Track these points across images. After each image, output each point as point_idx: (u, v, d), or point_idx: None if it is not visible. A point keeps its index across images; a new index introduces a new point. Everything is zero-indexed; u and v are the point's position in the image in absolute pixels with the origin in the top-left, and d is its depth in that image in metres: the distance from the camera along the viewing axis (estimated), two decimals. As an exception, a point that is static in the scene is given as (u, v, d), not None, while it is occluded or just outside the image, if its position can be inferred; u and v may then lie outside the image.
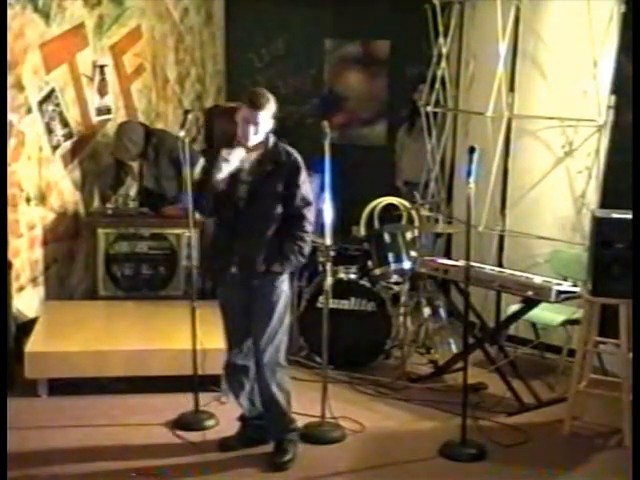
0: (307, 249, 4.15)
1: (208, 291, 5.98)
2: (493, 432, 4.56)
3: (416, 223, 5.98)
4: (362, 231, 6.09)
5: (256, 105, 4.00)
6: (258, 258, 4.06)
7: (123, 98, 6.59)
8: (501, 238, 5.93)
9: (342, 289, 5.41)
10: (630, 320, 4.36)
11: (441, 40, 6.37)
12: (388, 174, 7.39)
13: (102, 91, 6.32)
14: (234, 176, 4.07)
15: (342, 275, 5.57)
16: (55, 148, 5.91)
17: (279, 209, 4.08)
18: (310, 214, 4.14)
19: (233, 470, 4.15)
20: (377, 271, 5.54)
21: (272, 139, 4.14)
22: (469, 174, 4.25)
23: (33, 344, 4.99)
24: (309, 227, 4.14)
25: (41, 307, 5.73)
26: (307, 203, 4.12)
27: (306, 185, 4.14)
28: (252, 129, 4.02)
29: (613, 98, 5.62)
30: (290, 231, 4.10)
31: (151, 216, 6.11)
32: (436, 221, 6.17)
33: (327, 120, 4.41)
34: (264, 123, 4.03)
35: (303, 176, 4.12)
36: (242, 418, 4.39)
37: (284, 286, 4.16)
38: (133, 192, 6.31)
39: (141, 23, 6.69)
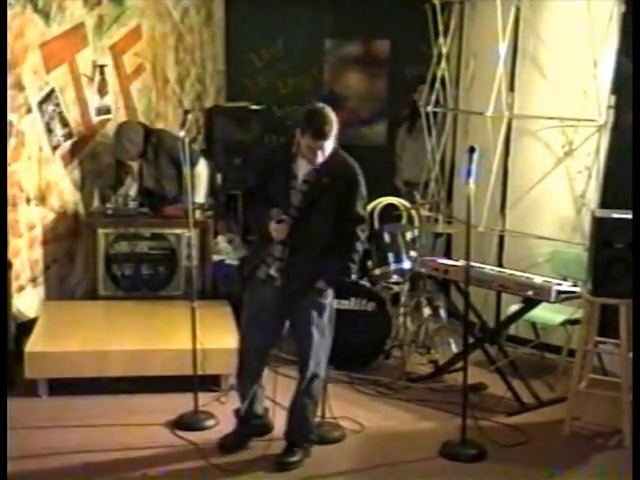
0: (354, 269, 4.04)
1: (208, 291, 6.00)
2: (493, 432, 4.56)
3: (416, 223, 5.98)
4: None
5: (321, 136, 3.82)
6: (304, 272, 3.96)
7: (123, 98, 6.60)
8: (501, 238, 5.93)
9: (342, 289, 5.40)
10: (630, 320, 4.36)
11: (441, 40, 6.37)
12: (388, 174, 7.39)
13: (102, 91, 6.32)
14: (288, 182, 3.98)
15: (342, 275, 5.57)
16: (55, 148, 5.91)
17: (332, 224, 3.95)
18: (363, 233, 4.01)
19: (233, 470, 4.13)
20: (377, 271, 5.54)
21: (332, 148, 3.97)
22: (469, 174, 4.25)
23: (33, 344, 4.99)
24: (359, 246, 4.00)
25: (41, 307, 5.73)
26: (361, 221, 4.00)
27: (363, 202, 4.01)
28: (318, 154, 3.87)
29: (613, 98, 5.62)
30: (339, 249, 3.98)
31: (151, 216, 6.10)
32: (436, 221, 6.17)
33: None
34: (330, 145, 3.87)
35: (360, 192, 3.98)
36: (238, 415, 4.38)
37: (328, 300, 4.08)
38: (133, 192, 6.30)
39: (141, 23, 6.69)
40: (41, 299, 5.82)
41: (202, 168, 6.19)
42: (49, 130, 5.82)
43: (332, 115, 3.85)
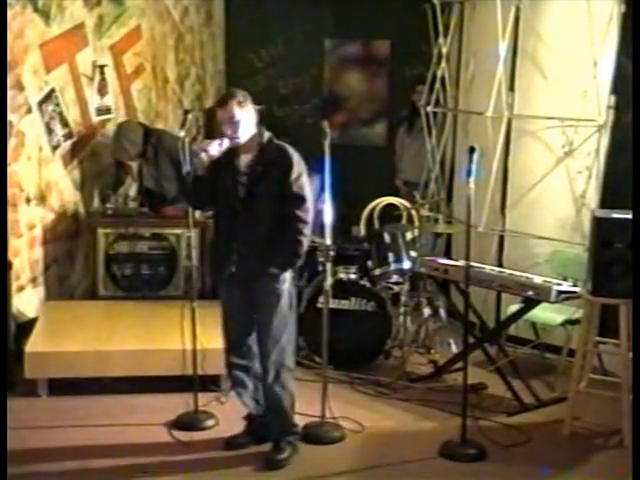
0: (302, 250, 4.05)
1: (208, 291, 6.00)
2: (493, 432, 4.56)
3: (416, 223, 5.98)
4: (362, 231, 6.09)
5: (221, 103, 4.02)
6: (255, 259, 4.03)
7: (123, 98, 6.60)
8: (501, 238, 5.93)
9: (342, 289, 5.41)
10: (630, 320, 4.36)
11: (441, 40, 6.37)
12: (388, 174, 7.39)
13: (102, 91, 6.33)
14: (232, 177, 4.06)
15: (342, 275, 5.57)
16: (55, 148, 5.92)
17: (276, 210, 4.02)
18: (304, 213, 4.02)
19: (232, 470, 4.14)
20: (377, 271, 5.54)
21: (266, 138, 4.09)
22: (469, 174, 4.25)
23: (33, 344, 5.00)
24: (303, 227, 4.01)
25: (41, 307, 5.74)
26: (301, 202, 4.01)
27: (300, 183, 4.01)
28: (229, 127, 3.99)
29: (613, 98, 5.62)
30: (284, 232, 4.03)
31: (151, 216, 6.11)
32: (436, 221, 6.17)
33: (327, 120, 4.41)
34: (243, 119, 3.98)
35: (295, 174, 4.01)
36: (248, 417, 4.38)
37: (284, 286, 4.10)
38: (133, 192, 6.31)
39: (141, 23, 6.69)
40: (41, 299, 5.83)
41: (202, 168, 6.18)
42: (49, 130, 5.83)
43: (242, 93, 4.02)
